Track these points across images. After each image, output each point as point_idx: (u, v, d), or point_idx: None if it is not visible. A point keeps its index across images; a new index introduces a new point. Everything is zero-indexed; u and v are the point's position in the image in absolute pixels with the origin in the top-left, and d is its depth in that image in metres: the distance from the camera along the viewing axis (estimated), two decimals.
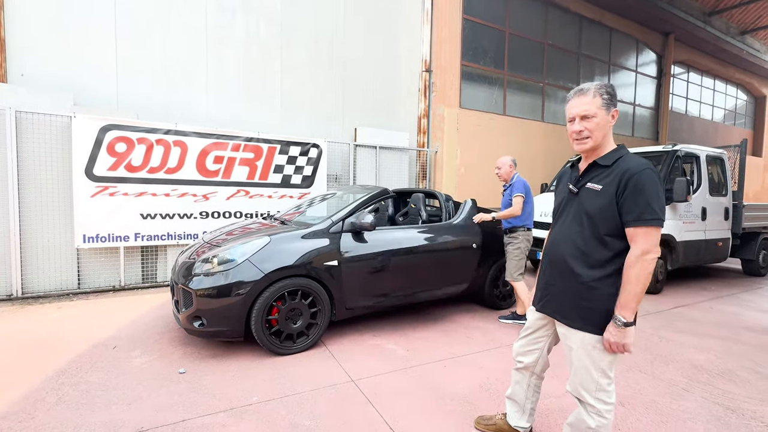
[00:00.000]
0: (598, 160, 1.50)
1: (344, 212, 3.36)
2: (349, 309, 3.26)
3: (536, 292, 1.72)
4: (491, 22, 7.82)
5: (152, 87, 5.16)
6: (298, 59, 6.18)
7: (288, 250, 2.99)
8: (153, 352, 2.95)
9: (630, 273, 1.34)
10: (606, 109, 1.47)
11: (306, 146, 5.72)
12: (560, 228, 1.59)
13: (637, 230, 1.35)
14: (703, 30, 10.99)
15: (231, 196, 5.23)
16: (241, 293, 2.76)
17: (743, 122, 15.42)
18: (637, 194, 1.36)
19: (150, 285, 4.88)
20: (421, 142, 7.32)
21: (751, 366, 3.05)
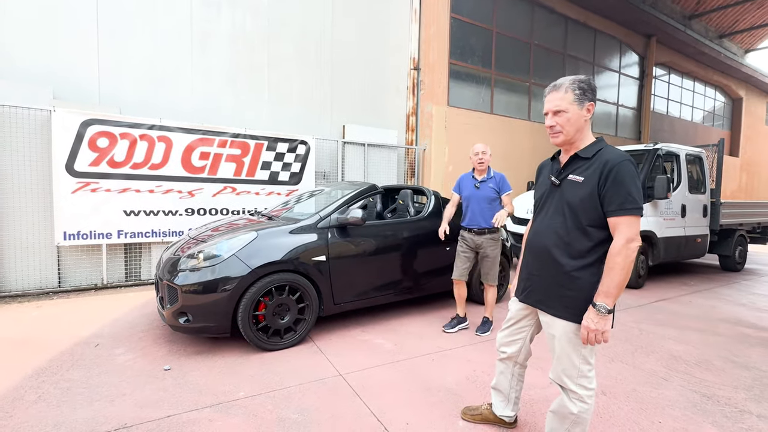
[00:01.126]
0: (579, 152, 1.54)
1: (332, 208, 3.36)
2: (337, 304, 3.26)
3: (518, 283, 1.75)
4: (479, 21, 7.89)
5: (136, 81, 5.06)
6: (286, 55, 6.13)
7: (275, 246, 2.97)
8: (137, 349, 2.90)
9: (614, 261, 1.37)
10: (578, 103, 1.50)
11: (294, 143, 5.68)
12: (542, 219, 1.63)
13: (620, 219, 1.39)
14: (684, 33, 11.29)
15: (217, 192, 5.16)
16: (227, 289, 2.73)
17: (721, 123, 15.91)
18: (618, 185, 1.39)
19: (134, 283, 4.79)
20: (409, 140, 7.35)
21: (727, 356, 3.16)
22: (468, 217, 3.32)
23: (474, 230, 3.26)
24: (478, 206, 3.24)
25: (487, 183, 3.26)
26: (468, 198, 3.32)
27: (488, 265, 3.31)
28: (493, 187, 3.23)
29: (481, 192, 3.24)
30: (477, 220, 3.25)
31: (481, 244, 3.26)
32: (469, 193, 3.31)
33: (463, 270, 3.35)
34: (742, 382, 2.70)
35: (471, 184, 3.32)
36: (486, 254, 3.28)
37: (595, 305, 1.39)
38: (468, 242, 3.31)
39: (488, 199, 3.24)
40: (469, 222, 3.31)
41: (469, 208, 3.31)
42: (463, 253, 3.36)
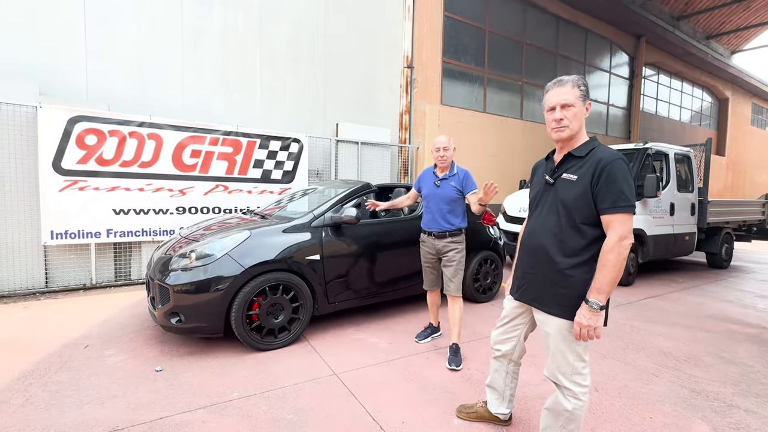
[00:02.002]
0: (573, 151, 1.55)
1: (326, 206, 3.34)
2: (332, 303, 3.25)
3: (513, 281, 1.76)
4: (472, 19, 7.91)
5: (125, 78, 4.96)
6: (279, 53, 6.08)
7: (269, 245, 2.95)
8: (128, 350, 2.85)
9: (607, 258, 1.39)
10: (582, 100, 1.54)
11: (287, 141, 5.64)
12: (537, 218, 1.64)
13: (613, 217, 1.40)
14: (672, 34, 11.46)
15: (209, 191, 5.10)
16: (220, 288, 2.70)
17: (708, 123, 16.20)
18: (611, 183, 1.41)
19: (124, 283, 4.71)
20: (402, 138, 7.35)
21: (715, 351, 3.23)
22: (427, 218, 2.91)
23: (434, 233, 2.86)
24: (436, 207, 2.83)
25: (448, 181, 2.82)
26: (427, 197, 2.89)
27: (451, 271, 2.81)
28: (455, 186, 2.80)
29: (441, 191, 2.82)
30: (436, 221, 2.84)
31: (442, 248, 2.85)
32: (428, 191, 2.88)
33: (433, 279, 3.01)
34: (730, 377, 2.75)
35: (431, 181, 2.90)
36: (448, 259, 2.84)
37: (588, 301, 1.41)
38: (428, 247, 2.93)
39: (448, 200, 2.80)
40: (428, 224, 2.90)
41: (427, 209, 2.91)
42: (426, 265, 2.99)
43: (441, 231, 2.84)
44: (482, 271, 4.31)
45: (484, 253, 4.30)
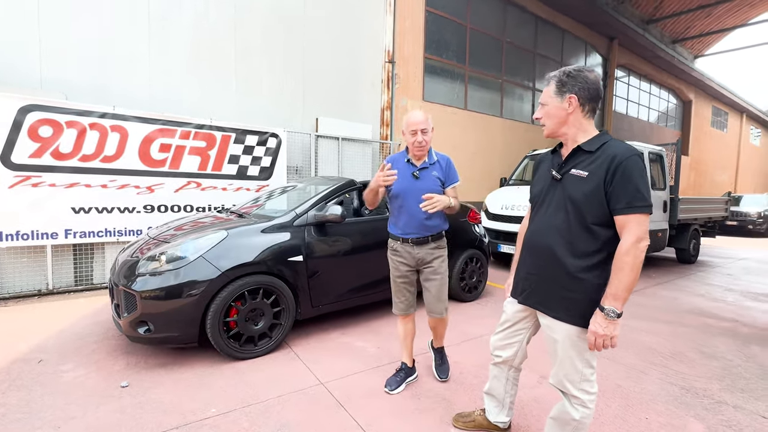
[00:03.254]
0: (582, 145, 1.45)
1: (309, 204, 3.16)
2: (316, 307, 3.07)
3: (516, 283, 1.66)
4: (453, 15, 7.85)
5: (85, 65, 4.56)
6: (255, 43, 5.78)
7: (248, 246, 2.74)
8: (89, 364, 2.58)
9: (623, 261, 1.30)
10: (558, 96, 1.44)
11: (264, 135, 5.38)
12: (543, 216, 1.53)
13: (629, 218, 1.32)
14: (642, 37, 11.86)
15: (180, 188, 4.78)
16: (194, 294, 2.48)
17: (673, 124, 16.95)
18: (627, 181, 1.32)
19: (84, 288, 4.34)
20: (384, 135, 7.20)
21: (696, 346, 3.28)
22: (402, 221, 2.20)
23: (411, 240, 2.20)
24: (416, 205, 2.10)
25: (429, 171, 2.19)
26: (401, 193, 2.16)
27: (436, 286, 2.24)
28: (438, 177, 2.19)
29: (421, 184, 2.15)
30: (416, 224, 2.19)
31: (424, 257, 2.22)
32: (403, 185, 2.15)
33: (410, 301, 2.32)
34: (714, 373, 2.78)
35: (407, 172, 2.17)
36: (433, 270, 2.24)
37: (603, 309, 1.31)
38: (403, 258, 2.24)
39: (431, 189, 2.15)
40: (403, 228, 2.21)
41: (402, 209, 2.18)
42: (401, 281, 2.27)
43: (422, 236, 2.20)
44: (468, 270, 4.24)
45: (470, 252, 4.24)
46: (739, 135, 22.22)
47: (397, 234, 2.28)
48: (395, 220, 2.29)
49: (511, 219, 5.85)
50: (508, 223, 5.85)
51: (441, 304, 2.28)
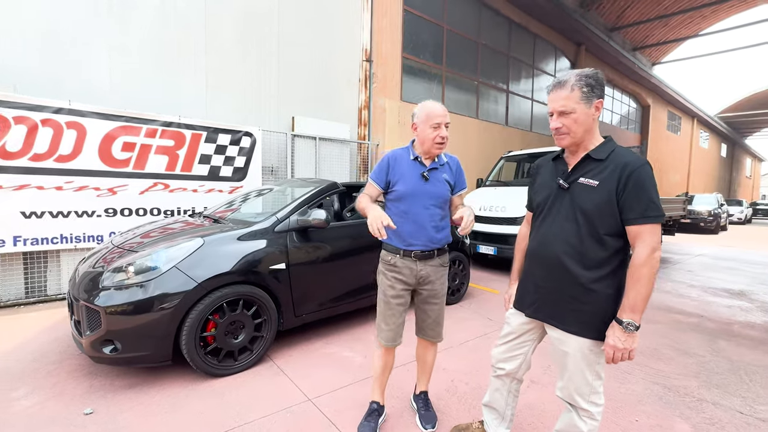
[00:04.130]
0: (591, 153, 1.41)
1: (290, 208, 3.00)
2: (299, 316, 2.92)
3: (522, 296, 1.60)
4: (430, 16, 7.84)
5: (36, 55, 4.14)
6: (227, 37, 5.49)
7: (226, 254, 2.55)
8: (45, 388, 2.31)
9: (640, 273, 1.27)
10: (586, 102, 1.37)
11: (237, 134, 5.12)
12: (550, 226, 1.49)
13: (643, 228, 1.29)
14: (607, 44, 12.38)
15: (146, 189, 4.46)
16: (167, 308, 2.27)
17: (633, 127, 17.88)
18: (640, 191, 1.29)
19: (37, 300, 3.95)
20: (362, 135, 7.08)
21: (670, 344, 3.40)
22: (405, 230, 1.86)
23: (415, 253, 1.87)
24: (424, 211, 1.85)
25: (439, 172, 1.90)
26: (408, 195, 1.85)
27: (437, 312, 1.97)
28: (448, 180, 1.92)
29: (431, 187, 1.87)
30: (423, 234, 1.86)
31: (427, 276, 1.90)
32: (411, 186, 1.85)
33: (398, 329, 1.93)
34: (690, 369, 2.89)
35: (414, 171, 1.87)
36: (434, 293, 1.93)
37: (622, 322, 1.28)
38: (402, 275, 1.88)
39: (441, 200, 1.90)
40: (406, 238, 1.86)
41: (407, 216, 1.85)
42: (396, 301, 1.89)
43: (429, 249, 1.88)
44: (450, 273, 4.21)
45: (453, 254, 4.21)
46: (691, 138, 23.81)
47: (397, 245, 1.88)
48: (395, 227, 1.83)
49: (489, 220, 5.91)
50: (486, 224, 5.90)
51: (439, 328, 2.00)
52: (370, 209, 1.73)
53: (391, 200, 1.92)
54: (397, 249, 1.89)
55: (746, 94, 29.13)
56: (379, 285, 1.96)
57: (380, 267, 1.98)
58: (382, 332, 1.93)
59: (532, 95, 10.83)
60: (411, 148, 1.94)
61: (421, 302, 1.96)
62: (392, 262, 1.91)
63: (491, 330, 3.52)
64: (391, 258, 1.91)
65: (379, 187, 1.91)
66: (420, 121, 1.85)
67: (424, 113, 1.84)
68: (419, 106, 1.88)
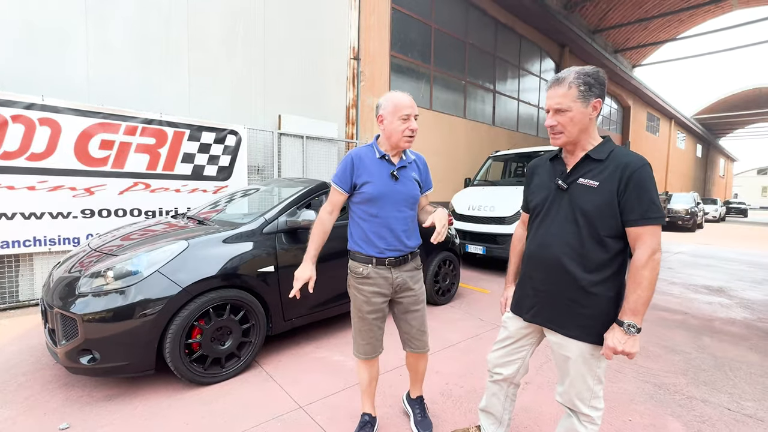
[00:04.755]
0: (591, 153, 1.39)
1: (279, 209, 2.91)
2: (288, 320, 2.84)
3: (521, 300, 1.57)
4: (419, 15, 7.80)
5: (8, 47, 3.91)
6: (211, 32, 5.33)
7: (212, 257, 2.45)
8: (17, 402, 2.17)
9: (641, 275, 1.25)
10: (583, 101, 1.34)
11: (222, 132, 4.98)
12: (549, 228, 1.46)
13: (644, 229, 1.27)
14: (590, 45, 12.61)
15: (125, 189, 4.28)
16: (149, 314, 2.16)
17: (615, 128, 18.29)
18: (641, 191, 1.27)
19: (8, 306, 3.74)
20: (350, 133, 7.00)
21: (657, 341, 3.45)
22: (374, 233, 1.73)
23: (390, 261, 1.74)
24: (396, 214, 1.73)
25: (408, 171, 1.78)
26: (378, 198, 1.71)
27: (420, 320, 1.84)
28: (416, 179, 1.81)
29: (401, 187, 1.74)
30: (394, 240, 1.74)
31: (403, 283, 1.78)
32: (381, 188, 1.70)
33: (377, 342, 1.83)
34: (678, 367, 2.93)
35: (383, 171, 1.72)
36: (414, 299, 1.82)
37: (623, 324, 1.26)
38: (377, 286, 1.75)
39: (413, 200, 1.78)
40: (377, 245, 1.73)
41: (377, 220, 1.72)
42: (373, 317, 1.78)
43: (402, 254, 1.76)
44: (441, 273, 4.19)
45: (444, 254, 4.19)
46: (669, 139, 24.54)
47: (368, 253, 1.73)
48: (364, 234, 1.74)
49: (478, 219, 5.91)
50: (475, 224, 5.91)
51: (425, 336, 1.87)
52: (305, 260, 1.75)
53: (358, 203, 1.76)
54: (368, 258, 1.75)
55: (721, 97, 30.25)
56: (352, 300, 1.83)
57: (350, 280, 1.82)
58: (359, 346, 1.82)
59: (518, 95, 10.93)
60: (375, 145, 1.78)
61: (402, 312, 1.84)
62: (365, 274, 1.76)
63: (483, 331, 3.50)
64: (362, 269, 1.76)
65: (343, 191, 1.75)
66: (387, 112, 1.70)
67: (391, 104, 1.70)
68: (385, 96, 1.74)
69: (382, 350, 1.87)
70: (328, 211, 1.80)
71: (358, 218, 1.77)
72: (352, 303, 1.85)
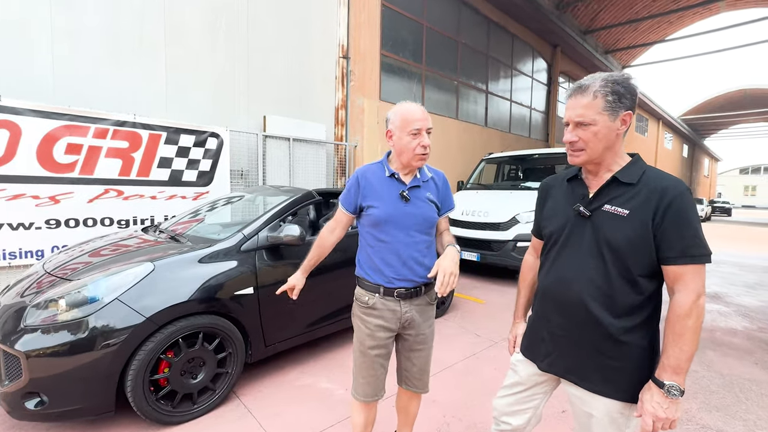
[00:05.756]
0: (618, 175, 1.18)
1: (259, 223, 2.65)
2: (270, 345, 2.59)
3: (533, 343, 1.35)
4: (410, 12, 7.57)
5: None
6: (190, 27, 5.01)
7: (182, 280, 2.19)
8: None
9: (684, 325, 1.04)
10: (611, 113, 1.13)
11: (202, 135, 4.68)
12: (569, 261, 1.24)
13: (685, 269, 1.06)
14: (582, 46, 12.54)
15: (95, 197, 3.97)
16: (107, 349, 1.90)
17: None
18: (682, 223, 1.06)
19: None
20: (339, 135, 6.74)
21: None
22: (384, 262, 1.52)
23: (399, 292, 1.52)
24: (407, 240, 1.50)
25: (422, 191, 1.56)
26: (386, 221, 1.50)
27: (424, 359, 1.64)
28: (433, 200, 1.57)
29: (413, 209, 1.52)
30: (405, 268, 1.51)
31: (412, 319, 1.56)
32: (389, 210, 1.50)
33: (379, 383, 1.61)
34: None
35: (392, 191, 1.53)
36: (421, 338, 1.61)
37: (663, 385, 1.05)
38: (385, 319, 1.54)
39: (428, 224, 1.55)
40: (387, 275, 1.52)
41: (386, 246, 1.52)
42: (375, 352, 1.56)
43: (414, 286, 1.53)
44: None
45: None
46: (657, 139, 24.78)
47: (375, 281, 1.54)
48: (370, 260, 1.55)
49: (472, 225, 5.73)
50: (469, 230, 5.72)
51: (426, 376, 1.68)
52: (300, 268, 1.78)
53: (366, 226, 1.58)
54: (376, 286, 1.55)
55: (707, 98, 30.72)
56: (355, 332, 1.64)
57: (355, 309, 1.65)
58: (359, 386, 1.61)
59: (510, 96, 10.79)
60: (386, 162, 1.61)
61: (406, 349, 1.64)
62: (370, 304, 1.56)
63: (480, 349, 3.30)
64: (368, 298, 1.57)
65: (347, 212, 1.61)
66: (396, 127, 1.52)
67: (399, 118, 1.51)
68: (393, 109, 1.55)
69: (383, 394, 1.65)
70: (330, 228, 1.69)
71: (365, 242, 1.61)
72: (355, 335, 1.66)
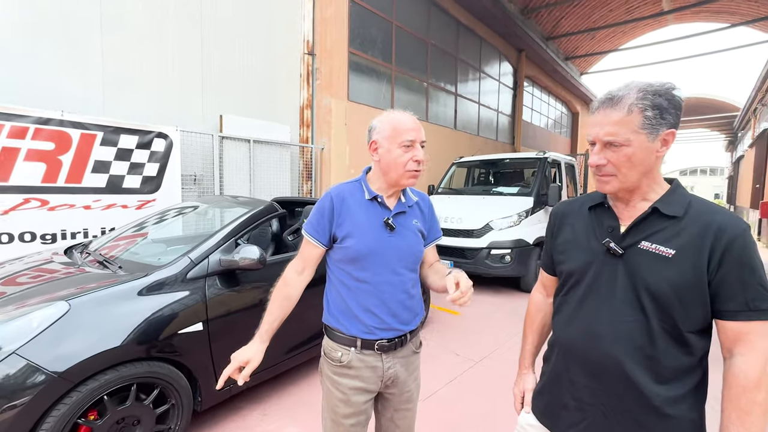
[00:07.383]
0: (660, 205, 0.94)
1: (210, 244, 2.25)
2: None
3: (554, 408, 1.09)
4: (379, 10, 7.28)
5: None
6: (131, 10, 4.41)
7: (108, 321, 1.76)
8: None
9: (752, 400, 0.83)
10: (650, 132, 0.89)
11: (147, 135, 4.13)
12: (598, 310, 0.99)
13: (751, 326, 0.85)
14: (545, 51, 12.84)
15: (12, 208, 3.35)
16: (3, 417, 1.45)
17: (566, 132, 19.05)
18: (743, 269, 0.84)
19: None
20: (304, 137, 6.33)
21: None
22: (365, 309, 1.23)
23: (381, 345, 1.23)
24: (395, 278, 1.23)
25: (408, 217, 1.30)
26: (366, 255, 1.21)
27: (408, 419, 1.35)
28: (421, 228, 1.33)
29: (399, 240, 1.25)
30: (389, 314, 1.23)
31: (396, 376, 1.27)
32: (371, 242, 1.21)
33: None
34: None
35: (374, 218, 1.24)
36: (408, 398, 1.34)
37: None
38: (363, 380, 1.24)
39: (414, 258, 1.30)
40: (367, 323, 1.22)
41: (367, 287, 1.22)
42: (351, 422, 1.25)
43: (398, 335, 1.25)
44: None
45: None
46: None
47: (350, 333, 1.22)
48: (345, 305, 1.24)
49: (444, 231, 5.54)
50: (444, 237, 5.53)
51: None
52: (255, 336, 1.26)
53: (338, 261, 1.25)
54: (351, 339, 1.22)
55: None
56: (325, 396, 1.30)
57: (323, 367, 1.30)
58: None
59: (479, 99, 10.80)
60: (364, 181, 1.30)
61: (388, 410, 1.33)
62: (345, 361, 1.23)
63: (461, 371, 3.07)
64: (342, 354, 1.23)
65: (319, 244, 1.25)
66: (383, 137, 1.23)
67: (389, 127, 1.22)
68: (380, 117, 1.28)
69: None
70: (297, 269, 1.30)
71: (338, 282, 1.27)
72: (324, 400, 1.31)
